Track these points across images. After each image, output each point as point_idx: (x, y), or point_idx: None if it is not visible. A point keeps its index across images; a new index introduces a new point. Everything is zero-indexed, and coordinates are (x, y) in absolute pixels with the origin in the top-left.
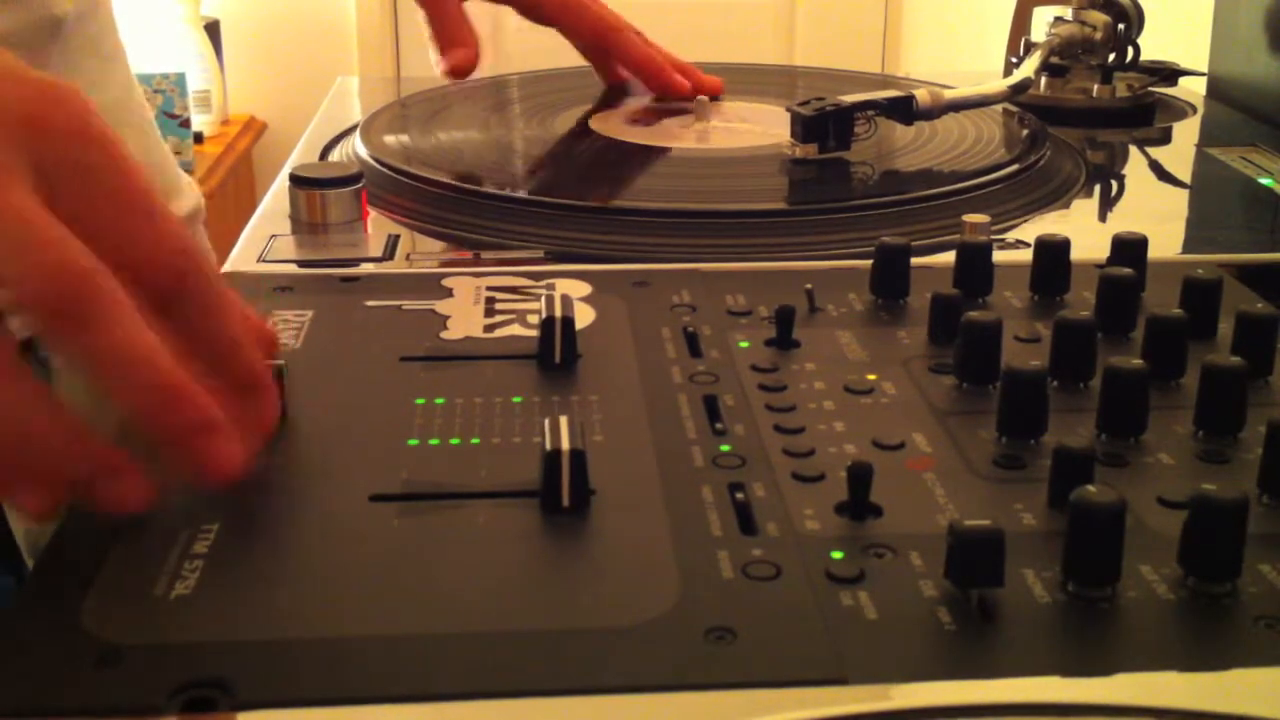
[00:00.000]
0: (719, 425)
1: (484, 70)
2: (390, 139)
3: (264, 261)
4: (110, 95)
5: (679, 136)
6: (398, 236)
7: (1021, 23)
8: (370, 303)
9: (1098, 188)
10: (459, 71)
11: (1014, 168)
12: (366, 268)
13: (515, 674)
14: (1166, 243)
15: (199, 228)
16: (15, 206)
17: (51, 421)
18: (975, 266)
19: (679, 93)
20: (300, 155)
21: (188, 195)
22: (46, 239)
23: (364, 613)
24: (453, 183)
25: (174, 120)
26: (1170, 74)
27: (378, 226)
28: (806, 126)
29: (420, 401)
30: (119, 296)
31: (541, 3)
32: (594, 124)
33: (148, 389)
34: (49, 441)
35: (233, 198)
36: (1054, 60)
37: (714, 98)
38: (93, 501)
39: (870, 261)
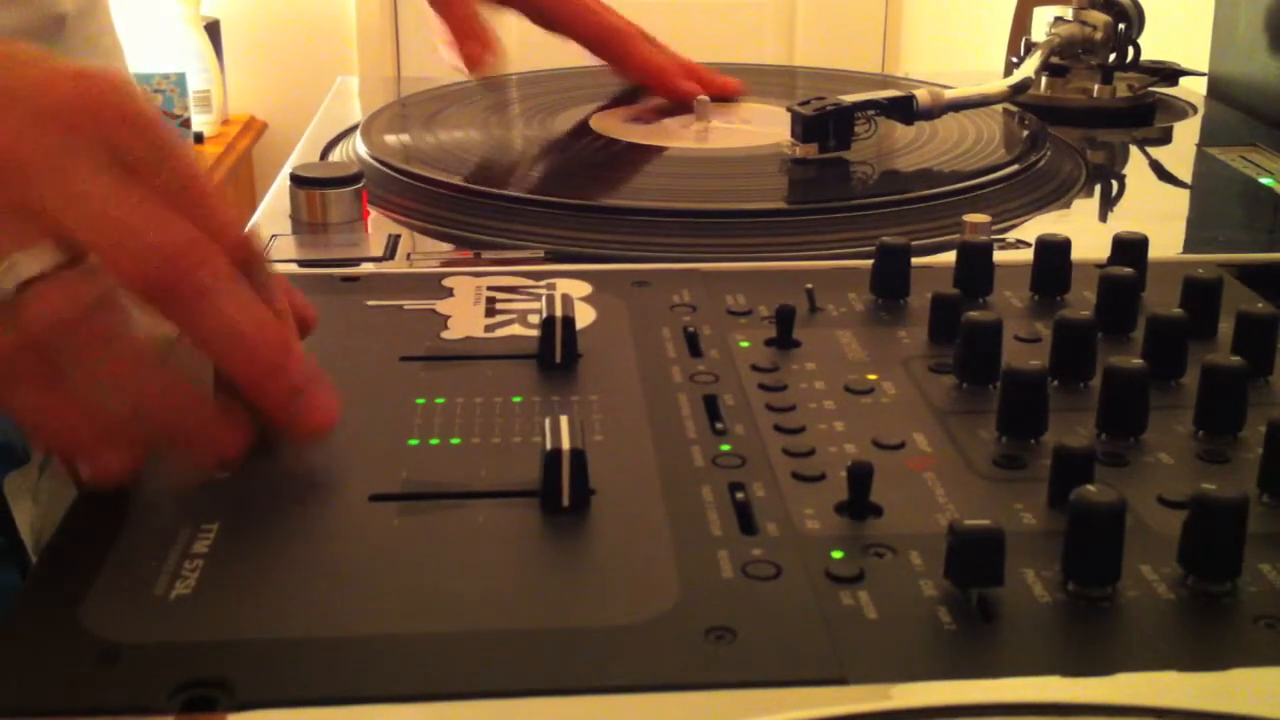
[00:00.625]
0: (719, 425)
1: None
2: (390, 139)
3: None
4: None
5: (679, 136)
6: (398, 236)
7: (1022, 23)
8: (371, 302)
9: (1098, 187)
10: (476, 63)
11: (1014, 168)
12: (367, 267)
13: (515, 673)
14: (1167, 242)
15: None
16: (108, 190)
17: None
18: (975, 266)
19: (685, 98)
20: (300, 155)
21: None
22: (149, 219)
23: (364, 612)
24: (453, 182)
25: (174, 120)
26: (1170, 74)
27: (378, 226)
28: (807, 126)
29: (420, 401)
30: (226, 268)
31: (545, 8)
32: (594, 124)
33: (262, 352)
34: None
35: (233, 198)
36: (1054, 60)
37: (730, 99)
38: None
39: (870, 261)
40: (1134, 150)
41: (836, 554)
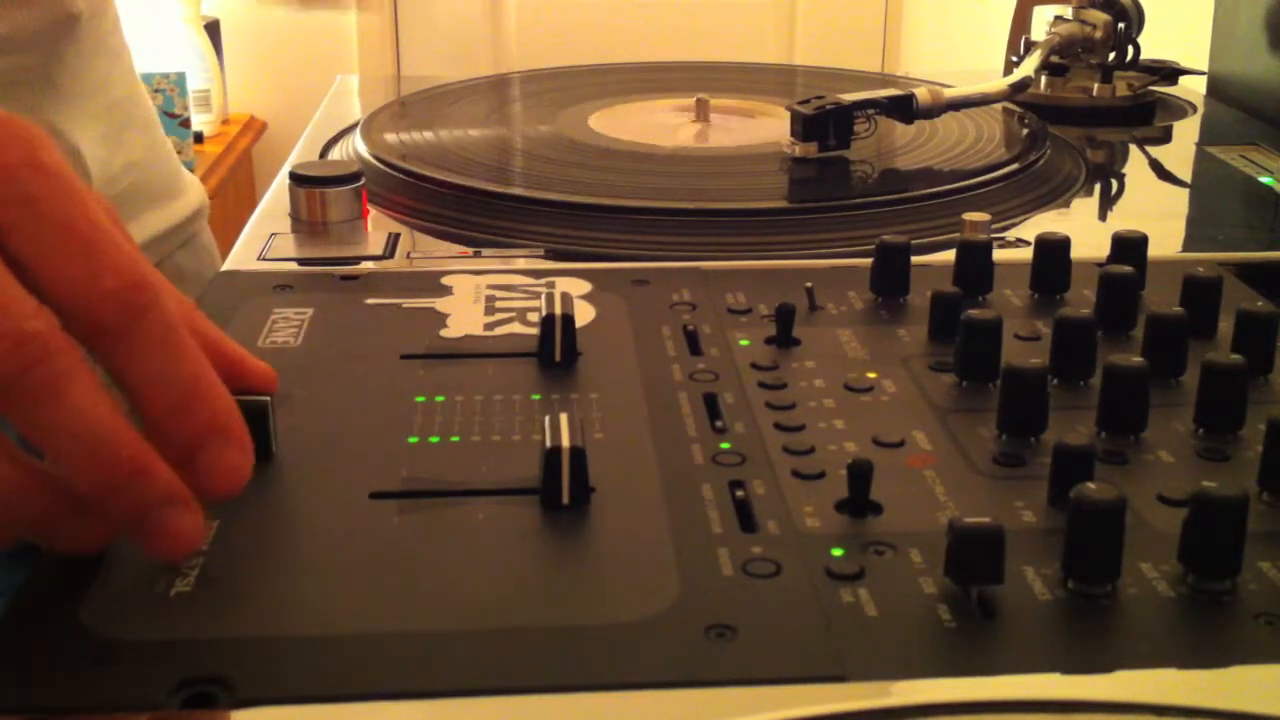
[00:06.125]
0: (719, 423)
1: (484, 70)
2: (390, 137)
3: (264, 260)
4: (117, 93)
5: (679, 136)
6: (398, 235)
7: (1021, 22)
8: (370, 301)
9: (1098, 186)
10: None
11: (1014, 166)
12: (366, 266)
13: (516, 671)
14: (1166, 241)
15: (203, 225)
16: None
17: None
18: (975, 265)
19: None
20: (300, 154)
21: (191, 193)
22: None
23: (364, 610)
24: (453, 181)
25: (174, 120)
26: (1170, 73)
27: (378, 225)
28: (807, 125)
29: (420, 399)
30: (73, 364)
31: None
32: (594, 123)
33: (105, 467)
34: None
35: (233, 197)
36: (1054, 59)
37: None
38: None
39: (870, 260)
40: (1134, 149)
41: (836, 551)
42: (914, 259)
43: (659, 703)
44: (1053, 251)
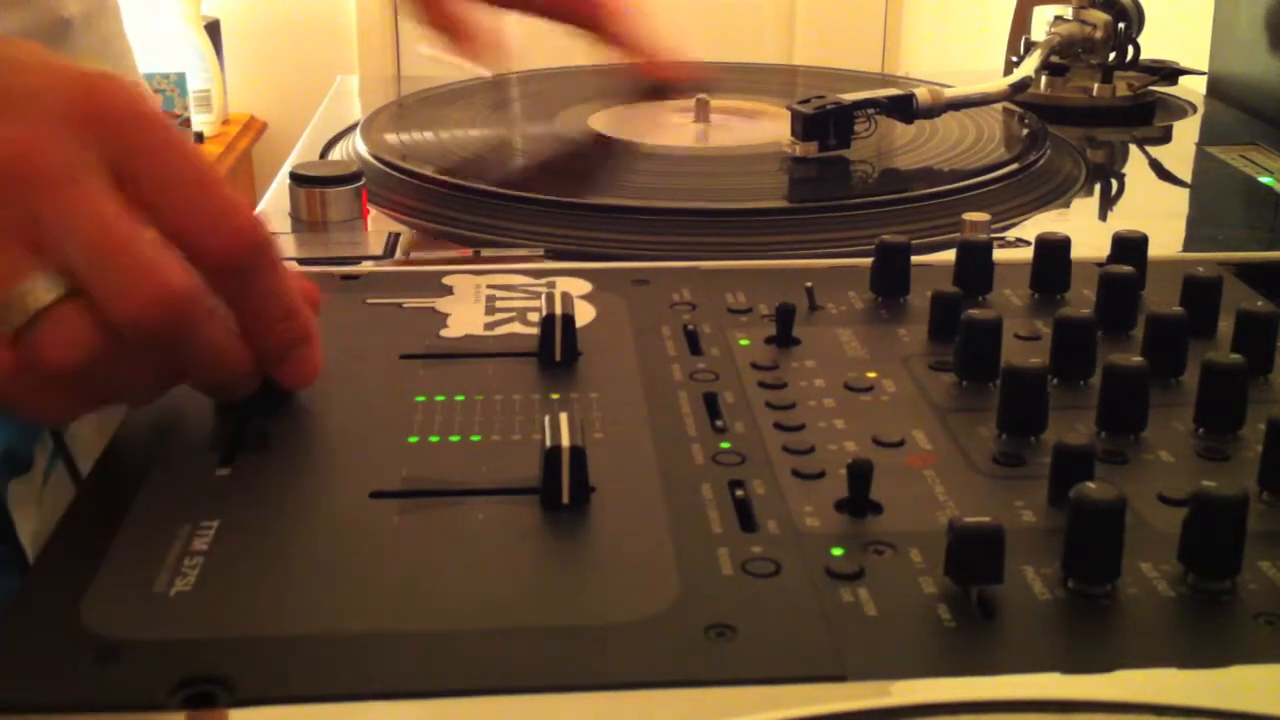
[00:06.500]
0: (719, 423)
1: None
2: (390, 137)
3: None
4: None
5: (679, 135)
6: (398, 234)
7: (1022, 22)
8: (370, 300)
9: (1098, 186)
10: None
11: (1014, 166)
12: (367, 266)
13: (516, 670)
14: (1167, 241)
15: None
16: (102, 214)
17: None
18: (975, 265)
19: (664, 82)
20: (300, 154)
21: None
22: (142, 257)
23: (364, 609)
24: (453, 181)
25: (174, 120)
26: (1170, 73)
27: (378, 224)
28: (807, 125)
29: (420, 399)
30: (210, 314)
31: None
32: (594, 122)
33: (238, 383)
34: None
35: None
36: (1054, 59)
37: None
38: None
39: (870, 259)
40: (1134, 149)
41: (836, 551)
42: (914, 259)
43: (659, 702)
44: (1053, 251)
